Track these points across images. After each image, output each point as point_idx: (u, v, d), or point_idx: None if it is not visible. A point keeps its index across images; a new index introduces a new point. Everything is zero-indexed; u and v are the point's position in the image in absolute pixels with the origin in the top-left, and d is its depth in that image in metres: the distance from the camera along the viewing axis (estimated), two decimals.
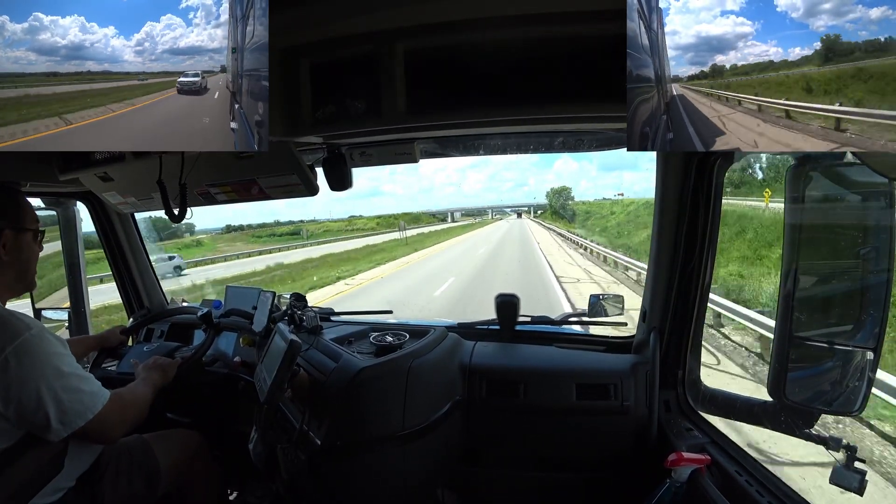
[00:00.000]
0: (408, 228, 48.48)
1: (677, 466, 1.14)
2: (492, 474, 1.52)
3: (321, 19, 0.99)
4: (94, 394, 1.17)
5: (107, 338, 1.88)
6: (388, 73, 1.00)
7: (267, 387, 1.26)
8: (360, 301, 11.72)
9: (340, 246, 34.18)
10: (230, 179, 1.47)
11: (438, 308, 9.91)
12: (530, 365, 1.53)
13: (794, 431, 1.06)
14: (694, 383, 1.41)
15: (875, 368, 0.91)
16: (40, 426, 1.09)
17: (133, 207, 1.90)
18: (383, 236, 46.10)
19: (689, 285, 1.33)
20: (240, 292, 2.08)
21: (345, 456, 1.27)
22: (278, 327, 1.41)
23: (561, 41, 0.90)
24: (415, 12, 0.95)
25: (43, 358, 1.09)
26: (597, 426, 1.42)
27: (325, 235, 54.75)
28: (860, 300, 0.93)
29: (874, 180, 0.85)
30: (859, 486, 0.92)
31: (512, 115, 1.03)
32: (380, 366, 1.34)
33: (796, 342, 0.97)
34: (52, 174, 1.61)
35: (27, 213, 1.24)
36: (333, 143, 1.40)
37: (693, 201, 1.27)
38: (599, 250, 19.11)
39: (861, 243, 0.93)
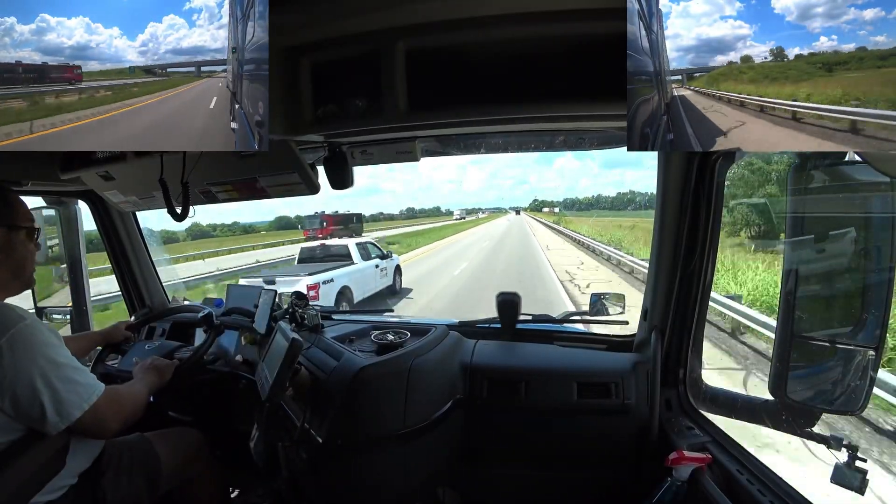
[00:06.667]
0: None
1: (678, 465, 1.14)
2: (493, 473, 1.53)
3: (322, 18, 0.99)
4: (89, 385, 1.16)
5: (111, 333, 1.88)
6: (389, 71, 1.00)
7: (268, 385, 1.26)
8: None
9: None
10: (231, 178, 1.47)
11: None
12: (531, 364, 1.54)
13: (796, 430, 1.06)
14: (695, 382, 1.41)
15: (877, 368, 0.91)
16: (37, 418, 1.09)
17: (134, 206, 1.90)
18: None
19: (690, 284, 1.33)
20: (241, 291, 2.08)
21: (346, 454, 1.27)
22: (280, 326, 1.41)
23: (562, 40, 0.90)
24: (415, 11, 0.95)
25: (37, 348, 1.09)
26: (598, 425, 1.42)
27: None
28: (862, 299, 0.93)
29: (876, 179, 0.85)
30: (860, 486, 0.92)
31: (513, 114, 1.02)
32: (381, 364, 1.34)
33: (798, 341, 0.97)
34: (54, 173, 1.62)
35: (20, 210, 1.23)
36: (334, 142, 1.40)
37: (694, 200, 1.27)
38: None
39: (863, 242, 0.93)
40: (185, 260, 17.13)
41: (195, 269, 13.74)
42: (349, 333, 1.67)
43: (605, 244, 18.17)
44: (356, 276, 8.96)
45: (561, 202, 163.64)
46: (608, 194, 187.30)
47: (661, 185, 1.32)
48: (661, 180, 1.32)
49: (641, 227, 23.84)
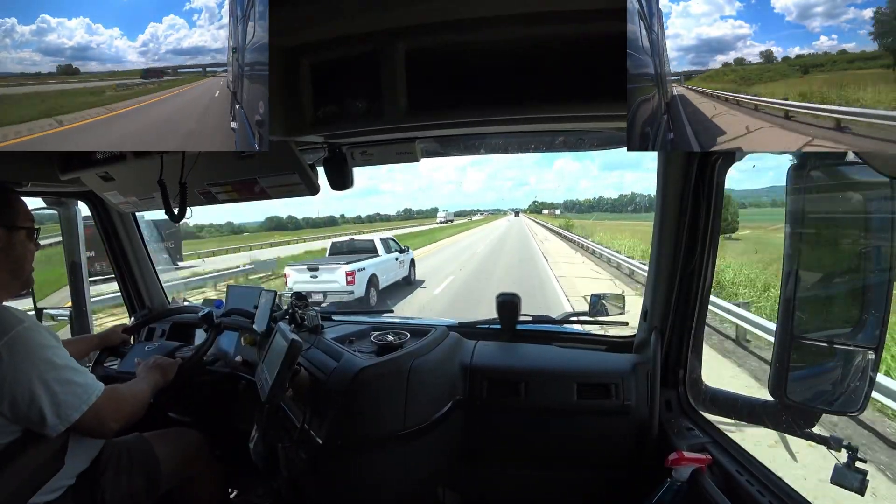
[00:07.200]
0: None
1: (678, 466, 1.14)
2: (493, 474, 1.52)
3: (322, 19, 0.99)
4: (88, 385, 1.17)
5: (108, 336, 1.88)
6: (389, 72, 1.00)
7: (268, 386, 1.26)
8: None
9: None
10: (231, 179, 1.47)
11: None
12: (531, 364, 1.54)
13: (796, 431, 1.06)
14: (695, 383, 1.41)
15: (876, 368, 0.91)
16: (36, 421, 1.09)
17: (134, 207, 1.90)
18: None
19: (690, 285, 1.33)
20: (241, 292, 2.08)
21: (346, 455, 1.27)
22: (279, 327, 1.41)
23: (562, 40, 0.90)
24: (415, 11, 0.95)
25: (35, 350, 1.09)
26: (598, 425, 1.42)
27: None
28: (861, 300, 0.93)
29: (875, 179, 0.85)
30: (860, 486, 0.92)
31: (513, 115, 1.03)
32: (381, 365, 1.34)
33: (797, 342, 0.97)
34: (54, 174, 1.62)
35: (20, 211, 1.24)
36: (334, 143, 1.40)
37: (694, 201, 1.27)
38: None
39: (862, 243, 0.93)
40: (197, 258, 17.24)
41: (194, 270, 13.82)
42: (349, 334, 1.66)
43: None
44: (382, 266, 10.43)
45: (562, 204, 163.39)
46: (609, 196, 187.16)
47: (661, 185, 1.33)
48: (661, 180, 1.32)
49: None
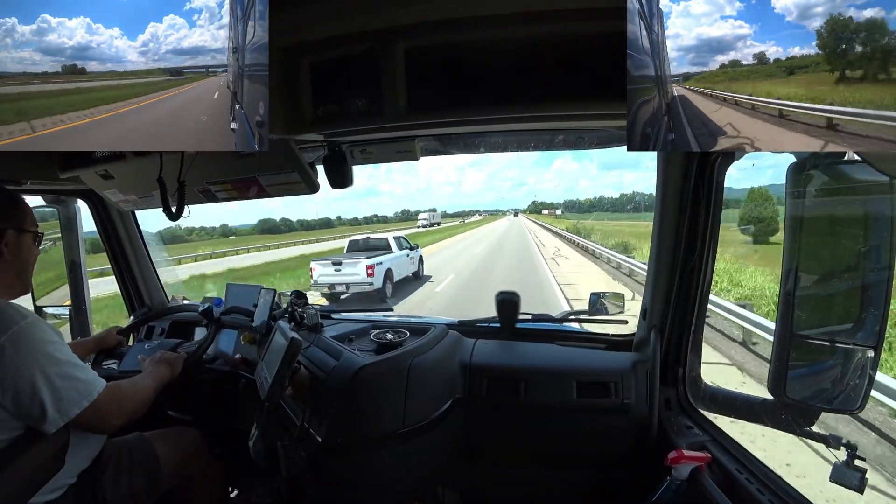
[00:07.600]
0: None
1: (678, 464, 1.14)
2: (492, 472, 1.53)
3: (322, 18, 0.99)
4: (90, 381, 1.18)
5: (104, 339, 1.89)
6: (389, 70, 1.00)
7: (268, 384, 1.26)
8: None
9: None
10: (231, 177, 1.47)
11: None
12: (531, 363, 1.54)
13: (795, 429, 1.06)
14: (694, 381, 1.42)
15: (875, 367, 0.91)
16: (37, 416, 1.09)
17: (134, 205, 1.90)
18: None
19: (689, 283, 1.34)
20: (241, 290, 2.08)
21: (345, 453, 1.27)
22: (279, 325, 1.41)
23: (562, 39, 0.90)
24: (415, 10, 0.95)
25: (38, 345, 1.11)
26: (597, 424, 1.43)
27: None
28: (861, 298, 0.93)
29: (875, 178, 0.85)
30: (859, 484, 0.93)
31: (513, 113, 1.03)
32: (380, 363, 1.34)
33: (797, 340, 0.97)
34: (53, 172, 1.62)
35: (28, 215, 1.27)
36: (334, 141, 1.40)
37: (694, 199, 1.27)
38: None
39: (862, 241, 0.94)
40: (167, 264, 17.22)
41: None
42: (348, 333, 1.67)
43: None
44: (396, 262, 11.55)
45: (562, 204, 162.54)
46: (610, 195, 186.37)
47: (661, 184, 1.33)
48: (661, 180, 1.32)
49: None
